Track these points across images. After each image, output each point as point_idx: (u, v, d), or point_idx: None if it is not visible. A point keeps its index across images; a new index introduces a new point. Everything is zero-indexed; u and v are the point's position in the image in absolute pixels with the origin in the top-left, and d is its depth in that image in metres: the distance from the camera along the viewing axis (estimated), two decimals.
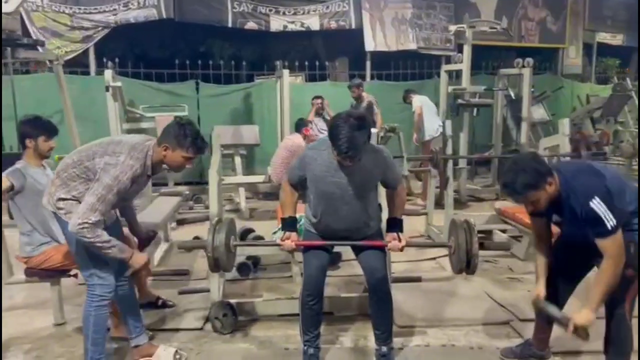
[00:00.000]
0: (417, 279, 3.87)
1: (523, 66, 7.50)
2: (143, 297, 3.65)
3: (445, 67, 7.91)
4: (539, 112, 8.83)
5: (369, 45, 8.94)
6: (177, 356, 2.93)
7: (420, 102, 7.16)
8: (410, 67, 9.24)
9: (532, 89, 8.16)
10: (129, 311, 2.87)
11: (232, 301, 3.40)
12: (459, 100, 7.08)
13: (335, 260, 4.27)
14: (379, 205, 2.91)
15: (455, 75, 7.95)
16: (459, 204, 6.75)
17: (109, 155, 2.49)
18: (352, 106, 7.09)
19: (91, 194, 2.42)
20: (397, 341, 3.11)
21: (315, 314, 2.80)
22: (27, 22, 7.15)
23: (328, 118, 7.44)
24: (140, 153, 2.52)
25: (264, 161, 7.09)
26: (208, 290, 3.45)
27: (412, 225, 5.70)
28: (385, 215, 2.92)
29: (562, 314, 2.52)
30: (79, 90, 7.10)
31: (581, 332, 2.36)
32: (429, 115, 7.17)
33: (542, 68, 11.05)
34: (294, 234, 2.74)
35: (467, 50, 7.35)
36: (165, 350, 2.94)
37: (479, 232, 5.16)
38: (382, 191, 2.94)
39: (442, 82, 7.70)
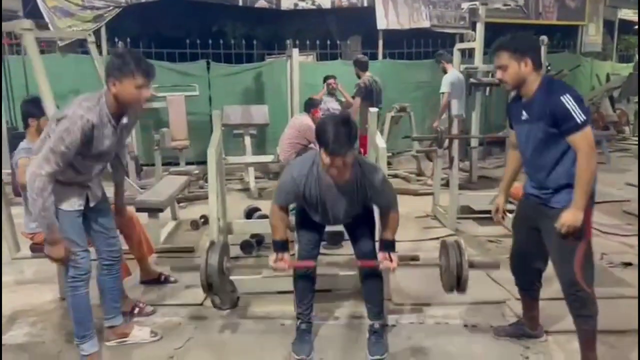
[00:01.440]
0: (416, 258, 3.87)
1: None
2: (146, 274, 3.75)
3: (458, 46, 7.77)
4: None
5: (381, 23, 8.80)
6: (152, 334, 2.99)
7: (450, 84, 6.71)
8: (424, 46, 9.09)
9: (549, 68, 7.99)
10: (108, 292, 2.89)
11: (232, 278, 3.46)
12: (471, 80, 6.97)
13: (337, 239, 4.30)
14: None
15: (469, 54, 7.81)
16: (470, 183, 6.72)
17: (61, 110, 2.49)
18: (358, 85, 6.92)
19: (45, 146, 2.41)
20: (391, 318, 3.17)
21: (308, 287, 2.86)
22: (39, 1, 7.21)
23: (342, 99, 7.42)
24: (92, 102, 2.45)
25: (275, 141, 7.09)
26: None
27: (419, 205, 5.71)
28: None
29: None
30: (90, 71, 7.18)
31: (570, 230, 2.38)
32: (455, 97, 6.86)
33: (560, 46, 10.80)
34: (286, 255, 2.74)
35: (480, 28, 7.21)
36: (140, 330, 3.00)
37: (485, 212, 5.19)
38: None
39: (455, 61, 7.58)
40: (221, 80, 8.22)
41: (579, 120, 2.29)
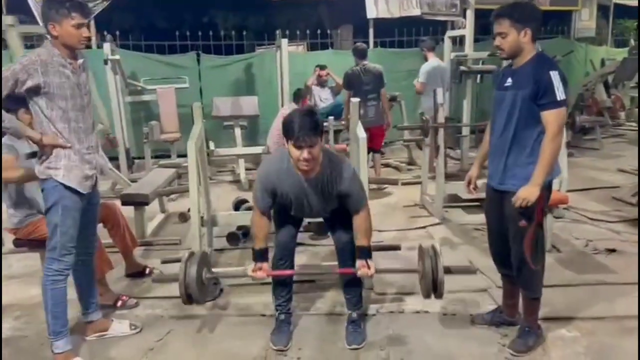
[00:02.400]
0: (397, 247, 3.90)
1: None
2: (131, 267, 3.77)
3: (449, 33, 7.75)
4: None
5: (371, 12, 8.73)
6: (132, 327, 3.01)
7: (426, 73, 6.55)
8: (415, 34, 9.05)
9: None
10: (85, 287, 2.89)
11: (215, 270, 3.48)
12: (462, 67, 6.93)
13: (323, 230, 4.30)
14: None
15: (460, 42, 7.78)
16: (461, 172, 6.71)
17: None
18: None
19: None
20: (372, 307, 3.20)
21: (286, 280, 2.89)
22: None
23: (334, 85, 7.33)
24: (42, 48, 2.50)
25: (266, 132, 7.08)
26: None
27: (408, 195, 5.72)
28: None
29: None
30: None
31: (524, 204, 2.47)
32: (434, 86, 6.69)
33: (553, 32, 10.73)
34: (265, 265, 2.75)
35: (470, 15, 7.20)
36: (120, 323, 3.02)
37: (476, 200, 5.19)
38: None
39: (446, 48, 7.55)
40: (211, 72, 8.20)
41: (558, 98, 2.36)
